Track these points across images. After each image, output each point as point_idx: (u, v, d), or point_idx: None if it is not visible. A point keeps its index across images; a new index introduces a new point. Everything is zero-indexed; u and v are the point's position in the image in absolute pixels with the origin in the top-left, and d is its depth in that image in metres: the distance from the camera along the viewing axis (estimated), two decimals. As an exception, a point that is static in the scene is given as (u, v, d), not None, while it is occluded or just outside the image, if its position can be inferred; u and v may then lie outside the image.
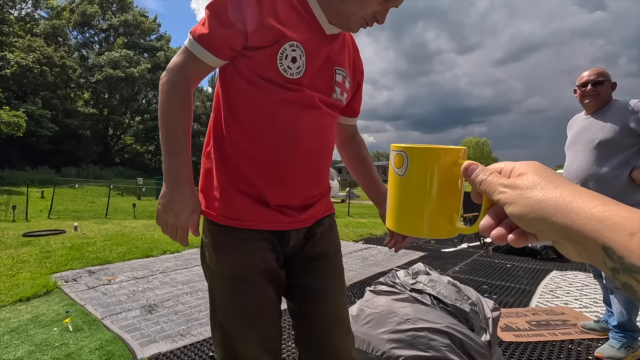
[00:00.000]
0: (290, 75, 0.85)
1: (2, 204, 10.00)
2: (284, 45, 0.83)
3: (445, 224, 0.42)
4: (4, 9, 26.57)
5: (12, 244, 5.18)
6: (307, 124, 0.88)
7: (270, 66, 0.83)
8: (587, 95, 1.98)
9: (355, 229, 7.23)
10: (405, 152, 0.42)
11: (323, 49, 0.90)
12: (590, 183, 1.90)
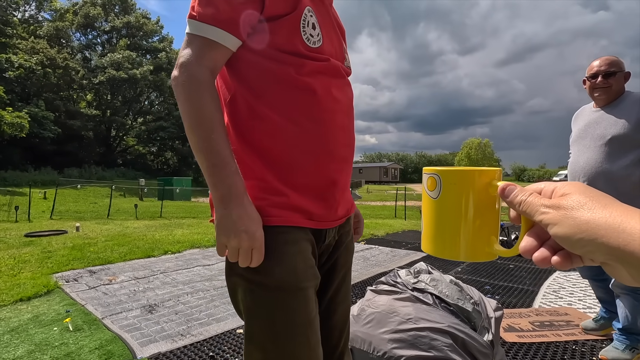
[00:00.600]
0: (313, 44, 0.76)
1: (5, 205, 10.04)
2: (304, 10, 0.74)
3: (484, 247, 0.41)
4: (7, 11, 26.74)
5: (14, 244, 5.19)
6: (339, 95, 0.82)
7: (296, 36, 0.73)
8: (597, 88, 1.84)
9: (357, 230, 7.21)
10: (438, 175, 0.42)
11: (330, 15, 0.84)
12: (599, 182, 1.80)
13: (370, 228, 7.49)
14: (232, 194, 0.68)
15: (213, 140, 0.68)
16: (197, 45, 0.70)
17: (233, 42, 0.72)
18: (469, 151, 55.18)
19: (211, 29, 0.69)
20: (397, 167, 64.32)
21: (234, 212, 0.68)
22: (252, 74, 0.76)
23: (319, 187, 0.79)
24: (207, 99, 0.69)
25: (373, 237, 6.48)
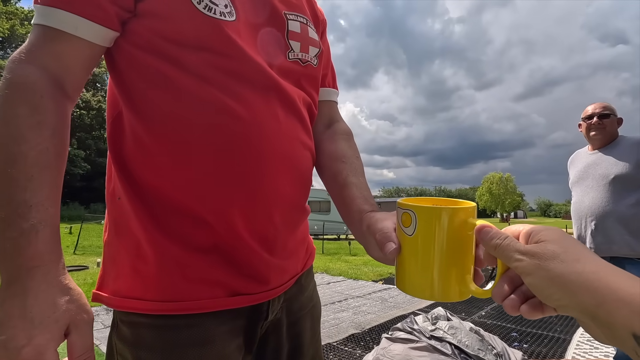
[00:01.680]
0: (222, 16, 0.51)
1: None
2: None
3: (458, 287, 0.41)
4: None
5: None
6: (273, 107, 0.56)
7: (187, 10, 0.49)
8: (593, 128, 1.94)
9: (374, 268, 7.02)
10: (413, 212, 0.41)
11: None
12: (608, 220, 1.80)
13: (388, 267, 7.28)
14: (14, 273, 0.41)
15: (8, 178, 0.42)
16: (34, 36, 0.48)
17: (90, 30, 0.48)
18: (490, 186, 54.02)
19: (54, 13, 0.46)
20: (416, 202, 63.80)
21: (4, 305, 0.41)
22: (135, 83, 0.52)
23: (243, 243, 0.54)
24: (21, 111, 0.44)
25: (392, 276, 6.28)
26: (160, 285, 0.51)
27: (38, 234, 0.42)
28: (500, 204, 53.14)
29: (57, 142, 0.46)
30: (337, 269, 6.77)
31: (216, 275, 0.53)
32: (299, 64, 0.62)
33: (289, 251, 0.63)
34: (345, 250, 10.60)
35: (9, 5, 23.43)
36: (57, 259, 0.44)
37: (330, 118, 0.77)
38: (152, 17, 0.50)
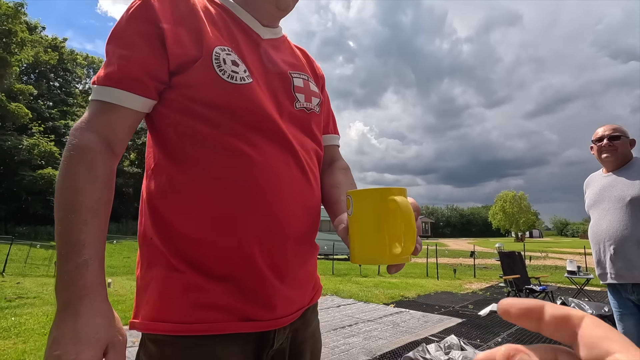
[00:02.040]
0: (241, 81, 0.62)
1: (47, 259, 10.55)
2: (215, 49, 0.62)
3: (388, 251, 0.49)
4: (71, 85, 30.58)
5: (50, 300, 5.35)
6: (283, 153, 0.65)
7: (211, 78, 0.60)
8: (604, 150, 1.92)
9: (386, 290, 6.87)
10: (350, 196, 0.53)
11: (265, 55, 0.72)
12: (627, 244, 1.74)
13: (400, 289, 7.12)
14: (69, 299, 0.50)
15: (68, 222, 0.52)
16: (92, 109, 0.59)
17: (135, 101, 0.60)
18: (503, 204, 52.93)
19: (107, 91, 0.59)
20: (427, 221, 62.56)
21: (59, 326, 0.49)
22: (170, 136, 0.63)
23: (255, 275, 0.61)
24: (81, 169, 0.55)
25: (403, 299, 6.13)
26: (182, 309, 0.59)
27: (88, 268, 0.52)
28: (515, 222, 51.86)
29: (106, 193, 0.57)
30: (347, 291, 6.65)
31: (231, 302, 0.60)
32: (305, 112, 0.74)
33: (298, 283, 0.69)
34: (356, 271, 10.43)
35: (34, 34, 24.71)
36: (102, 289, 0.53)
37: (332, 158, 0.89)
38: (184, 87, 0.62)
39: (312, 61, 0.88)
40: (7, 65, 19.41)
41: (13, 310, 4.57)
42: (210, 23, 0.66)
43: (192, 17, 0.64)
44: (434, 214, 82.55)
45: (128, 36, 0.61)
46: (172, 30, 0.61)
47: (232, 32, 0.69)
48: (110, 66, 0.60)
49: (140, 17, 0.61)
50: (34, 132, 21.51)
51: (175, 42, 0.61)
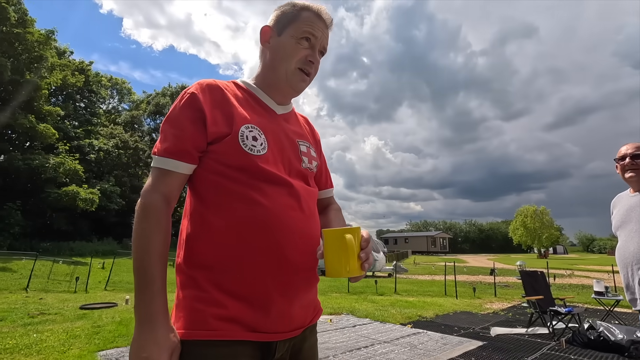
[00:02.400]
0: (257, 152, 0.84)
1: (68, 275, 10.81)
2: (241, 128, 0.83)
3: (347, 269, 0.75)
4: (96, 105, 31.95)
5: (70, 316, 5.46)
6: (291, 202, 0.85)
7: (236, 150, 0.82)
8: (627, 169, 1.88)
9: (403, 309, 6.71)
10: (322, 233, 0.78)
11: (279, 127, 0.93)
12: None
13: (417, 308, 6.94)
14: (145, 317, 0.72)
15: (142, 263, 0.74)
16: (154, 175, 0.82)
17: (185, 167, 0.82)
18: (524, 219, 51.21)
19: (165, 160, 0.81)
20: (445, 237, 61.07)
21: (142, 336, 0.71)
22: (203, 189, 0.84)
23: (265, 296, 0.79)
24: (151, 222, 0.77)
25: (421, 319, 5.96)
26: (207, 320, 0.76)
27: (160, 296, 0.75)
28: (537, 238, 49.97)
29: (167, 239, 0.79)
30: (363, 310, 6.52)
31: (244, 316, 0.78)
32: (308, 170, 0.96)
33: (301, 306, 0.85)
34: (372, 288, 10.24)
35: (63, 58, 26.10)
36: (167, 310, 0.75)
37: (328, 203, 1.14)
38: (217, 154, 0.83)
39: (312, 128, 1.12)
40: (37, 88, 20.48)
41: (35, 327, 4.67)
42: (240, 105, 0.88)
43: (225, 102, 0.86)
44: (452, 229, 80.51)
45: (180, 121, 0.83)
46: (210, 114, 0.83)
47: (256, 110, 0.91)
48: (167, 142, 0.82)
49: (190, 106, 0.84)
50: (60, 151, 22.43)
51: (213, 123, 0.83)
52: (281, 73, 0.92)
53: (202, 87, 0.86)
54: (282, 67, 0.92)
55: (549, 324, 4.78)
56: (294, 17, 0.93)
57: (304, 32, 0.92)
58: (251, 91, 0.95)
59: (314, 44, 0.93)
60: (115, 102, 37.21)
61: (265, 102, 0.95)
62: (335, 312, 6.35)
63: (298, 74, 0.93)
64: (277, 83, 0.94)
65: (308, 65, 0.93)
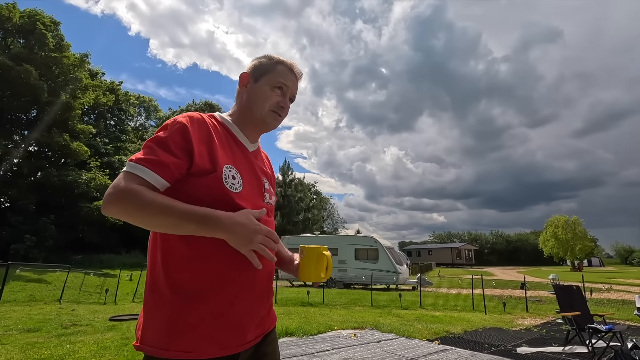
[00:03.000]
0: (235, 190, 0.95)
1: (98, 286, 11.17)
2: (224, 167, 0.95)
3: (318, 275, 1.05)
4: (124, 122, 33.42)
5: (100, 328, 5.62)
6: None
7: (219, 186, 0.92)
8: None
9: (429, 324, 6.50)
10: (301, 248, 1.08)
11: (250, 164, 1.07)
12: None
13: (444, 323, 6.71)
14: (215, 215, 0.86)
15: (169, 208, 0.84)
16: (126, 177, 0.85)
17: (159, 181, 0.87)
18: (555, 230, 48.86)
19: (142, 168, 0.86)
20: (471, 248, 59.07)
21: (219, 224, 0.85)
22: None
23: (234, 320, 0.92)
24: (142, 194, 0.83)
25: (448, 335, 5.75)
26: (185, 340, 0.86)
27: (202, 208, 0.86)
28: (570, 250, 47.42)
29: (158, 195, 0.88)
30: (387, 325, 6.37)
31: (216, 335, 0.89)
32: (269, 205, 1.11)
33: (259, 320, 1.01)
34: (396, 302, 10.01)
35: (95, 79, 27.60)
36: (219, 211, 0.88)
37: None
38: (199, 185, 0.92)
39: (270, 164, 1.27)
40: (71, 109, 21.70)
41: (68, 338, 4.83)
42: (220, 143, 0.99)
43: (210, 140, 0.96)
44: (478, 240, 77.72)
45: (168, 143, 0.90)
46: (198, 148, 0.92)
47: (232, 148, 1.04)
48: (149, 155, 0.88)
49: (180, 134, 0.92)
50: (91, 167, 23.51)
51: (199, 157, 0.92)
52: (256, 113, 1.07)
53: (192, 120, 0.96)
54: (258, 108, 1.07)
55: (588, 342, 4.50)
56: (270, 68, 1.09)
57: (278, 82, 1.08)
58: (229, 128, 1.07)
59: (285, 92, 1.09)
60: (143, 119, 38.82)
61: (240, 139, 1.08)
62: (358, 327, 6.24)
63: (272, 114, 1.08)
64: (252, 122, 1.09)
65: (280, 109, 1.09)
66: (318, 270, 1.04)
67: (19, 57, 19.24)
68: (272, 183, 1.19)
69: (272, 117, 1.09)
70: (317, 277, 1.04)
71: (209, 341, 0.87)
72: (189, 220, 0.83)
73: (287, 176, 39.45)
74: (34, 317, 6.49)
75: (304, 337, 5.35)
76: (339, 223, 54.53)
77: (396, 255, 17.18)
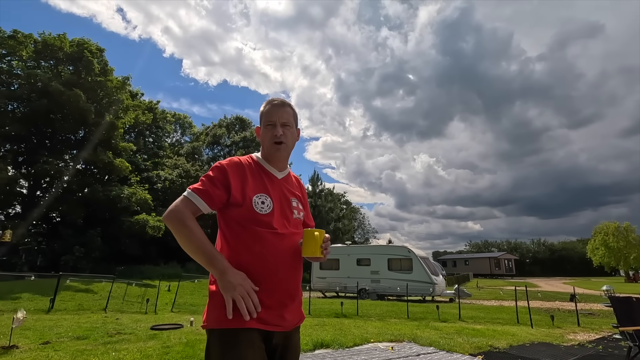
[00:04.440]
0: (264, 212, 1.31)
1: (139, 297, 11.65)
2: (254, 197, 1.31)
3: (316, 251, 1.32)
4: (162, 139, 35.14)
5: (142, 336, 5.82)
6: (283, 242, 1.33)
7: (251, 212, 1.29)
8: None
9: (471, 338, 6.17)
10: (303, 231, 1.36)
11: (279, 188, 1.42)
12: None
13: (487, 337, 6.35)
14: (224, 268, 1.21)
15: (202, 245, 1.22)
16: (185, 202, 1.26)
17: (205, 207, 1.27)
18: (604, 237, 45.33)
19: (196, 197, 1.27)
20: (511, 258, 56.02)
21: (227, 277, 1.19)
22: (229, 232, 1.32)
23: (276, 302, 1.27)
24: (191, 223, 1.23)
25: (493, 349, 5.43)
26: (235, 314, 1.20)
27: (222, 258, 1.24)
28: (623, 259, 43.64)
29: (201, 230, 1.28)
30: (426, 338, 6.12)
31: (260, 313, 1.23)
32: (298, 219, 1.44)
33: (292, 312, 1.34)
34: (433, 314, 9.64)
35: (135, 100, 29.36)
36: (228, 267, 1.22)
37: None
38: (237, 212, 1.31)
39: (301, 185, 1.60)
40: (115, 128, 23.16)
41: (113, 346, 5.04)
42: (252, 176, 1.36)
43: (243, 176, 1.34)
44: (518, 249, 73.48)
45: (213, 180, 1.31)
46: (234, 184, 1.31)
47: (262, 178, 1.39)
48: (201, 187, 1.29)
49: (221, 173, 1.32)
50: (132, 182, 24.83)
51: (235, 190, 1.30)
52: (266, 150, 1.44)
53: (231, 163, 1.36)
54: (265, 147, 1.45)
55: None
56: (262, 113, 1.46)
57: (267, 122, 1.44)
58: (261, 164, 1.44)
59: (275, 125, 1.42)
60: (178, 135, 40.72)
61: (270, 171, 1.44)
62: (395, 339, 6.04)
63: (273, 146, 1.42)
64: (268, 156, 1.45)
65: (276, 139, 1.41)
66: (312, 247, 1.31)
67: (69, 82, 20.89)
68: (301, 201, 1.50)
69: (275, 148, 1.42)
70: (313, 252, 1.31)
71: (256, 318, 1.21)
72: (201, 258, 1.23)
73: (316, 187, 39.62)
74: (83, 325, 6.85)
75: (340, 349, 5.25)
76: (370, 233, 53.81)
77: (431, 265, 16.61)
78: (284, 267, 1.29)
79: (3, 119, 20.17)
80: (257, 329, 1.20)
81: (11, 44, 20.31)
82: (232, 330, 1.18)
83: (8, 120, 20.39)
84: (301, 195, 1.53)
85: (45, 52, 21.53)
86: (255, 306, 1.19)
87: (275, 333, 1.26)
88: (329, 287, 17.75)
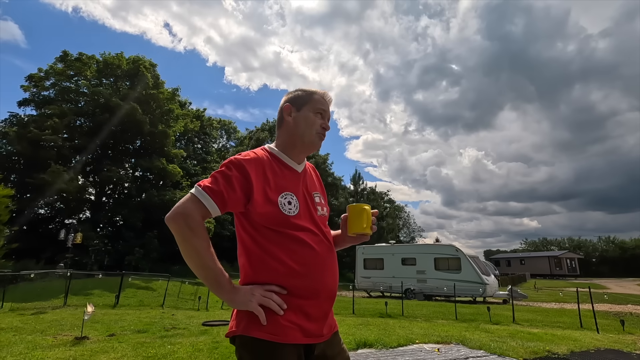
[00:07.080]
0: (293, 213, 1.16)
1: (192, 294, 12.36)
2: (279, 198, 1.15)
3: (364, 228, 1.23)
4: (209, 145, 37.03)
5: (194, 332, 6.19)
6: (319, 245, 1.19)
7: (279, 214, 1.13)
8: None
9: (526, 342, 5.78)
10: (348, 207, 1.27)
11: (303, 184, 1.26)
12: None
13: (544, 341, 5.91)
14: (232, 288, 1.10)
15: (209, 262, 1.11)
16: (192, 201, 1.08)
17: (216, 210, 1.08)
18: (688, 233, 39.98)
19: (205, 197, 1.08)
20: (574, 257, 51.36)
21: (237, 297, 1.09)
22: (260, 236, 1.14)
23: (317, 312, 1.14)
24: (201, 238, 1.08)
25: (551, 355, 5.04)
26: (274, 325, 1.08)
27: (228, 277, 1.11)
28: None
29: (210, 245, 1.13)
30: (475, 340, 5.84)
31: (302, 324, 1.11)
32: (323, 216, 1.29)
33: (330, 316, 1.23)
34: (484, 316, 9.16)
35: (184, 109, 31.25)
36: (234, 285, 1.11)
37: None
38: (265, 215, 1.13)
39: (318, 175, 1.44)
40: (167, 136, 24.83)
41: (169, 340, 5.42)
42: (272, 173, 1.18)
43: (264, 174, 1.16)
44: (582, 247, 67.13)
45: (230, 178, 1.11)
46: (256, 184, 1.12)
47: (284, 174, 1.22)
48: (214, 185, 1.09)
49: (240, 171, 1.12)
50: (183, 187, 26.42)
51: (257, 192, 1.12)
52: (306, 138, 1.25)
53: (249, 159, 1.15)
54: (306, 133, 1.25)
55: None
56: (308, 98, 1.27)
57: (318, 108, 1.27)
58: (279, 157, 1.25)
59: (324, 117, 1.28)
60: (224, 140, 42.72)
61: (289, 164, 1.26)
62: (442, 341, 5.83)
63: (318, 136, 1.27)
64: (300, 146, 1.26)
65: (323, 131, 1.28)
66: (361, 223, 1.21)
67: (126, 97, 22.79)
68: (322, 195, 1.37)
69: (319, 137, 1.27)
70: (361, 228, 1.21)
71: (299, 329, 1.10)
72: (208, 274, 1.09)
73: (358, 186, 39.39)
74: (143, 319, 7.44)
75: (383, 349, 5.18)
76: (416, 232, 52.25)
77: (481, 264, 15.80)
78: (327, 272, 1.17)
79: (73, 133, 22.57)
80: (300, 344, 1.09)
81: (78, 65, 22.67)
82: (275, 344, 1.05)
83: (77, 134, 22.80)
84: (321, 189, 1.39)
85: (106, 71, 23.74)
86: (279, 305, 1.09)
87: (317, 344, 1.13)
88: (374, 287, 17.56)
